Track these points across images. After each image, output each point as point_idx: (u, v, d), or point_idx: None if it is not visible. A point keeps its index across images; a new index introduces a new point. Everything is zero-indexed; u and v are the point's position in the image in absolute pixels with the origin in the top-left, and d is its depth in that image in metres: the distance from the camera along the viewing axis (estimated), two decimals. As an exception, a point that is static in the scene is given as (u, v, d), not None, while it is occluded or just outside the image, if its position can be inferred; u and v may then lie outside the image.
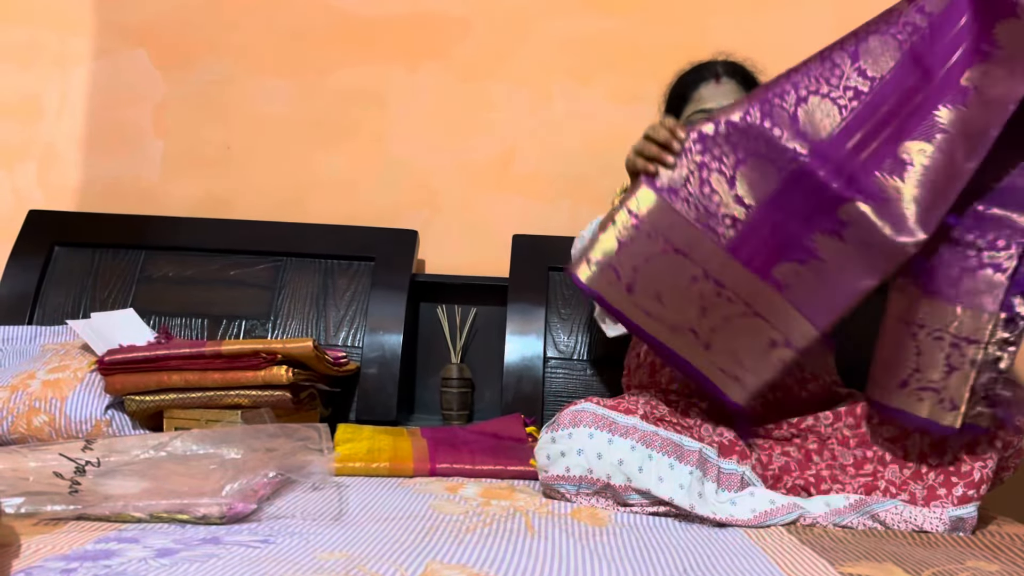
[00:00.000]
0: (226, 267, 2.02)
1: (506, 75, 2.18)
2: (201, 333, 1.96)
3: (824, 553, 1.11)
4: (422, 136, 2.19)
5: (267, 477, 1.24)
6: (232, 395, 1.59)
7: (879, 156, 1.25)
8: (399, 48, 2.19)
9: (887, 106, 1.26)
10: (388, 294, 1.98)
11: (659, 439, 1.30)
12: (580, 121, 2.17)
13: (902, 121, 1.26)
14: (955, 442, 1.29)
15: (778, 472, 1.39)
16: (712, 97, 1.67)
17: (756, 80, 1.71)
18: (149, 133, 2.20)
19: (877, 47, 1.29)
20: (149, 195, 2.19)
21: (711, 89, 1.67)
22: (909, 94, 1.26)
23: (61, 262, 2.03)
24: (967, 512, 1.25)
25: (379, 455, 1.54)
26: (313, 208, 2.17)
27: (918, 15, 1.27)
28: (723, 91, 1.66)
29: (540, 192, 2.17)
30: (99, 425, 1.60)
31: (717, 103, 1.66)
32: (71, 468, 1.18)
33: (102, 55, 2.21)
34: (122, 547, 0.99)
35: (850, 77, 1.30)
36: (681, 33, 2.14)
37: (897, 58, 1.28)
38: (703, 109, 1.68)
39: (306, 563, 0.95)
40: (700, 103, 1.68)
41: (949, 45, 1.25)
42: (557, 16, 2.18)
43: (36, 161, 2.21)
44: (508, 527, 1.16)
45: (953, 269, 1.23)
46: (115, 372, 1.59)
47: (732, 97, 1.65)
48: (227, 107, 2.20)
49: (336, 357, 1.77)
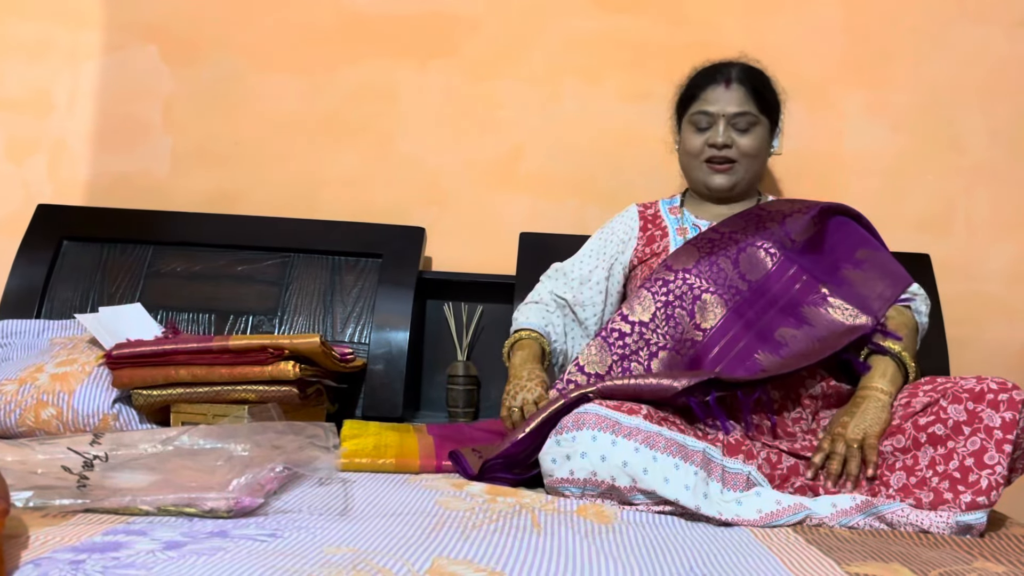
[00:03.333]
0: (234, 262, 2.03)
1: (515, 73, 2.18)
2: (208, 328, 1.96)
3: (830, 552, 1.11)
4: (431, 134, 2.19)
5: (274, 472, 1.24)
6: (239, 390, 1.59)
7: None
8: (409, 46, 2.19)
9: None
10: (395, 291, 1.98)
11: (663, 440, 1.30)
12: (589, 120, 2.17)
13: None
14: (963, 450, 1.28)
15: (786, 472, 1.39)
16: (717, 101, 1.68)
17: (768, 89, 1.70)
18: (158, 128, 2.21)
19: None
20: (158, 190, 2.19)
21: (719, 93, 1.68)
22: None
23: (70, 256, 2.04)
24: (975, 519, 1.25)
25: (385, 451, 1.54)
26: (321, 204, 2.17)
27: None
28: (730, 97, 1.66)
29: (548, 190, 2.17)
30: (106, 419, 1.61)
31: (720, 108, 1.67)
32: (79, 463, 1.18)
33: (112, 51, 2.22)
34: (130, 539, 0.99)
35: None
36: (691, 32, 2.14)
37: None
38: (704, 111, 1.68)
39: (313, 557, 0.96)
40: (704, 104, 1.69)
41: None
42: (566, 15, 2.18)
43: (46, 155, 2.22)
44: (514, 523, 1.16)
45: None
46: (123, 366, 1.60)
47: (738, 104, 1.66)
48: (236, 103, 2.20)
49: (343, 353, 1.77)
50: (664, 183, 2.08)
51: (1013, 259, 2.11)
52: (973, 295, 2.10)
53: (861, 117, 2.14)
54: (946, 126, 2.13)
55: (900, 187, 2.13)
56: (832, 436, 1.39)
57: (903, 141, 2.14)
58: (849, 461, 1.35)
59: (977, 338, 2.08)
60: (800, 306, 1.54)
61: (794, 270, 1.57)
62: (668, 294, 1.59)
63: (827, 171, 2.13)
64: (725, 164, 1.69)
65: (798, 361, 1.46)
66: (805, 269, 1.58)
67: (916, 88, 2.14)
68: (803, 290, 1.56)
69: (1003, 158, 2.12)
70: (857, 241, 1.65)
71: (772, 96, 1.72)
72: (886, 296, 1.56)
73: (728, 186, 1.71)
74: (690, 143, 1.72)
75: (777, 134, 1.77)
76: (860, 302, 1.54)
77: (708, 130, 1.69)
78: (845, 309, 1.53)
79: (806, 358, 1.47)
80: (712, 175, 1.70)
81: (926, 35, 2.14)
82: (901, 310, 1.58)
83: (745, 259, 1.60)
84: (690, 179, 1.77)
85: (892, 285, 1.58)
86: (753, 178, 1.73)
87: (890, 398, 1.42)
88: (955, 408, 1.31)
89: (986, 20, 2.14)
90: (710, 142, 1.68)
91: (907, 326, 1.55)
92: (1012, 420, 1.27)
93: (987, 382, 1.31)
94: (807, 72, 2.11)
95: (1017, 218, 2.12)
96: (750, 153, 1.68)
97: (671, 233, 1.75)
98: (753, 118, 1.67)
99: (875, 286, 1.57)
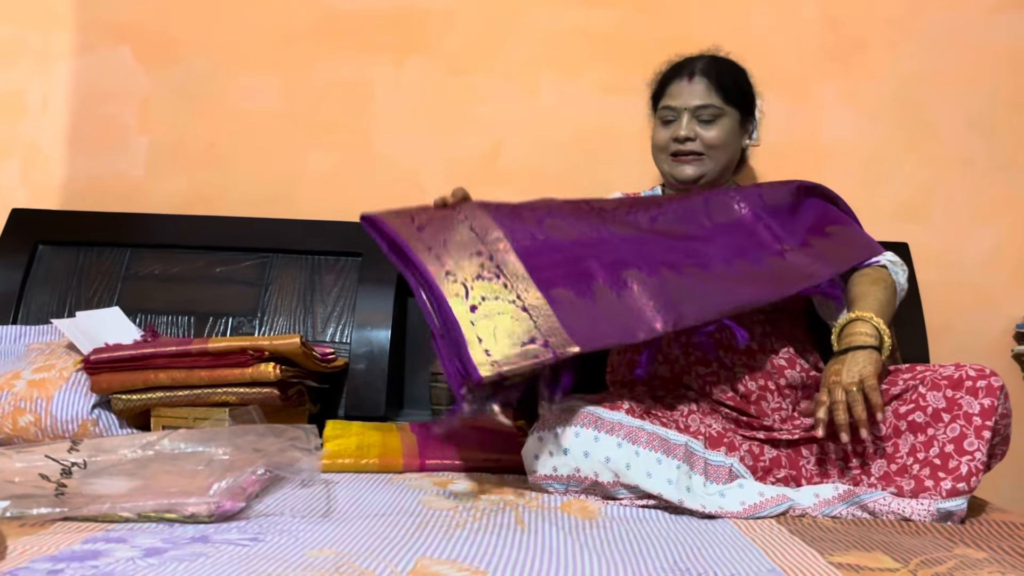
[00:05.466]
0: (212, 264, 2.01)
1: (493, 68, 2.17)
2: (188, 331, 1.95)
3: (814, 543, 1.11)
4: (408, 131, 2.18)
5: (256, 475, 1.23)
6: (219, 393, 1.58)
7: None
8: (384, 42, 2.18)
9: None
10: (376, 289, 1.97)
11: (645, 434, 1.30)
12: (568, 114, 2.16)
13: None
14: (943, 437, 1.29)
15: (769, 464, 1.40)
16: (680, 95, 1.69)
17: (734, 80, 1.71)
18: (133, 130, 2.19)
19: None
20: (134, 192, 2.17)
21: (682, 87, 1.69)
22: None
23: (45, 261, 2.02)
24: (956, 505, 1.26)
25: (368, 451, 1.53)
26: (299, 204, 2.16)
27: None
28: (692, 90, 1.67)
29: (528, 185, 2.16)
30: (85, 425, 1.59)
31: (683, 102, 1.67)
32: (57, 470, 1.17)
33: (85, 51, 2.19)
34: (109, 547, 0.98)
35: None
36: (668, 25, 2.14)
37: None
38: (668, 106, 1.69)
39: (295, 561, 0.95)
40: (669, 99, 1.70)
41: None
42: (543, 8, 2.17)
43: (19, 159, 2.19)
44: (498, 521, 1.16)
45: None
46: (101, 371, 1.58)
47: (700, 97, 1.67)
48: (211, 103, 2.18)
49: (324, 353, 1.76)
50: (644, 175, 2.08)
51: (991, 246, 2.12)
52: (952, 283, 2.11)
53: (838, 107, 2.15)
54: (923, 115, 2.14)
55: (878, 176, 2.14)
56: (828, 386, 1.34)
57: (880, 130, 2.14)
58: (854, 406, 1.30)
59: (956, 326, 2.10)
60: (760, 252, 1.53)
61: (760, 225, 1.57)
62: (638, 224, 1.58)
63: (805, 162, 2.14)
64: (690, 156, 1.69)
65: (749, 286, 1.44)
66: (771, 228, 1.57)
67: (892, 77, 2.15)
68: (765, 242, 1.55)
69: (980, 145, 2.13)
70: (831, 219, 1.65)
71: (738, 87, 1.71)
72: (849, 259, 1.54)
73: (695, 177, 1.70)
74: (657, 137, 1.73)
75: (753, 125, 1.77)
76: (822, 260, 1.52)
77: (673, 123, 1.69)
78: (805, 263, 1.52)
79: (757, 285, 1.45)
80: (678, 167, 1.70)
81: (902, 24, 2.15)
82: (875, 268, 1.55)
83: (716, 203, 1.61)
84: (660, 172, 1.78)
85: (858, 251, 1.56)
86: (724, 169, 1.73)
87: (875, 341, 1.38)
88: (934, 395, 1.32)
89: (961, 8, 2.15)
90: (674, 136, 1.68)
91: (882, 280, 1.52)
92: (991, 406, 1.28)
93: (966, 369, 1.32)
94: (784, 63, 2.12)
95: (994, 205, 2.13)
96: (715, 144, 1.68)
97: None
98: (717, 110, 1.67)
99: (839, 250, 1.56)
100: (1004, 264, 2.12)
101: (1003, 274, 2.12)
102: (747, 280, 1.46)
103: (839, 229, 1.62)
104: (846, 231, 1.62)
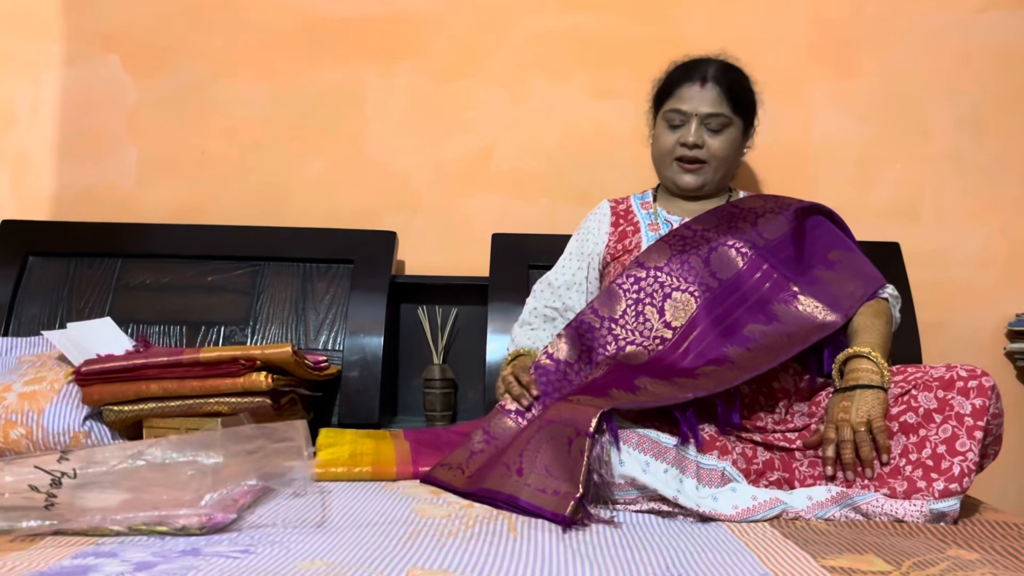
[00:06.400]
0: (203, 273, 2.01)
1: (482, 74, 2.17)
2: (180, 340, 1.94)
3: (807, 546, 1.11)
4: (399, 137, 2.18)
5: (248, 485, 1.23)
6: (212, 403, 1.57)
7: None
8: (374, 49, 2.18)
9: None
10: (368, 296, 1.96)
11: (635, 436, 1.29)
12: (557, 118, 2.17)
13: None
14: (935, 438, 1.29)
15: (762, 467, 1.40)
16: (690, 99, 1.67)
17: (744, 89, 1.70)
18: (123, 139, 2.18)
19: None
20: (124, 202, 2.17)
21: (693, 91, 1.67)
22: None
23: (36, 272, 2.01)
24: (949, 506, 1.26)
25: (361, 459, 1.53)
26: (290, 212, 2.16)
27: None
28: (704, 96, 1.66)
29: (519, 190, 2.16)
30: (77, 436, 1.59)
31: (694, 107, 1.66)
32: (47, 480, 1.16)
33: (74, 62, 2.19)
34: (99, 561, 0.97)
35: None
36: (656, 28, 2.14)
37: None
38: (678, 109, 1.68)
39: (286, 573, 0.95)
40: (678, 102, 1.68)
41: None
42: (532, 13, 2.17)
43: (8, 170, 2.19)
44: (491, 529, 1.16)
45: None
46: (92, 382, 1.57)
47: (712, 104, 1.66)
48: (201, 111, 2.18)
49: (316, 361, 1.76)
50: (635, 179, 2.08)
51: (982, 245, 2.13)
52: (943, 282, 2.11)
53: (829, 107, 2.15)
54: (913, 114, 2.15)
55: (869, 176, 2.15)
56: (836, 423, 1.35)
57: (871, 130, 2.15)
58: (861, 447, 1.31)
59: (948, 324, 2.10)
60: (770, 303, 1.54)
61: (765, 267, 1.57)
62: (640, 291, 1.59)
63: (796, 162, 2.14)
64: (695, 164, 1.69)
65: (766, 355, 1.46)
66: (776, 267, 1.58)
67: (882, 77, 2.15)
68: (774, 288, 1.56)
69: (970, 144, 2.14)
70: (831, 242, 1.65)
71: (747, 96, 1.71)
72: (857, 295, 1.55)
73: (696, 186, 1.71)
74: (662, 140, 1.72)
75: (751, 133, 1.76)
76: (831, 300, 1.54)
77: (681, 128, 1.69)
78: (816, 306, 1.54)
79: (774, 352, 1.47)
80: (681, 174, 1.71)
81: (891, 24, 2.15)
82: (878, 300, 1.57)
83: (716, 258, 1.60)
84: (660, 175, 1.77)
85: (864, 285, 1.57)
86: (723, 178, 1.73)
87: (881, 380, 1.38)
88: (925, 396, 1.32)
89: (950, 7, 2.15)
90: (682, 141, 1.68)
91: (884, 314, 1.54)
92: (982, 407, 1.28)
93: (957, 369, 1.32)
94: (774, 64, 2.12)
95: (985, 204, 2.14)
96: (720, 155, 1.68)
97: (643, 228, 1.75)
98: (726, 119, 1.67)
99: (846, 286, 1.57)
100: (995, 262, 2.13)
101: (994, 272, 2.12)
102: (764, 351, 1.47)
103: (841, 255, 1.63)
104: (849, 257, 1.63)
